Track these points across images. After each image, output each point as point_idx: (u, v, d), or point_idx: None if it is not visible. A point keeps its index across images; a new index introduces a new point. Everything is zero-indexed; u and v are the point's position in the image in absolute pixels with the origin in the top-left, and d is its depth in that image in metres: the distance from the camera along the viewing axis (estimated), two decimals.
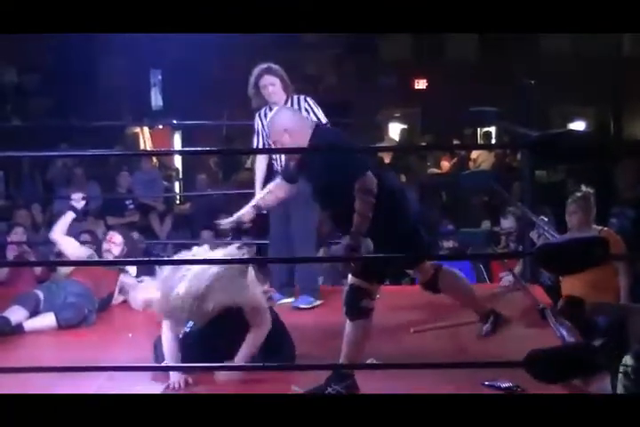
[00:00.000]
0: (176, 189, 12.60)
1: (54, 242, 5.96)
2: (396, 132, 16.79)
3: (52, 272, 6.28)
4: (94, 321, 5.36)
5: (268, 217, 5.69)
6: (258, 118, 5.62)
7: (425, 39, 17.32)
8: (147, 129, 14.97)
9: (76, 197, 6.06)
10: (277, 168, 5.54)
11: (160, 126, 15.21)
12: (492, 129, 15.09)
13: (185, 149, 13.85)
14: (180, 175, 13.33)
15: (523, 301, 5.47)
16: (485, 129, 15.22)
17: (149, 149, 13.99)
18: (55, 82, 13.56)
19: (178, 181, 13.11)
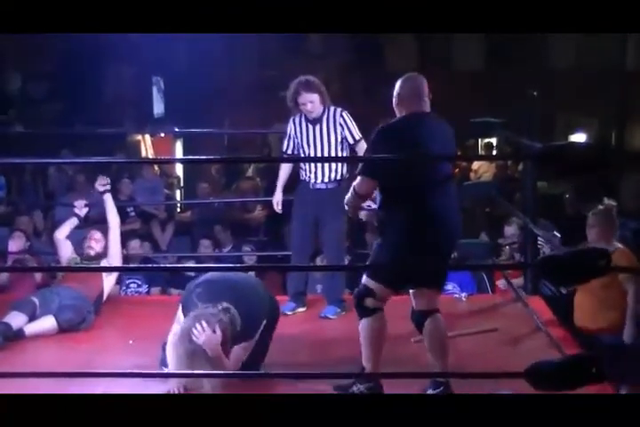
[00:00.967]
0: (177, 198, 12.58)
1: (55, 241, 6.03)
2: None
3: (53, 279, 6.30)
4: (92, 323, 5.39)
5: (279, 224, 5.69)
6: (292, 124, 5.62)
7: (428, 48, 17.33)
8: (148, 137, 15.00)
9: (79, 204, 6.12)
10: (305, 178, 5.57)
11: (162, 134, 15.23)
12: (494, 140, 15.07)
13: (187, 158, 13.82)
14: (182, 183, 13.33)
15: (520, 312, 5.46)
16: (487, 140, 15.21)
17: (151, 157, 13.99)
18: (58, 89, 13.59)
19: (179, 189, 13.11)
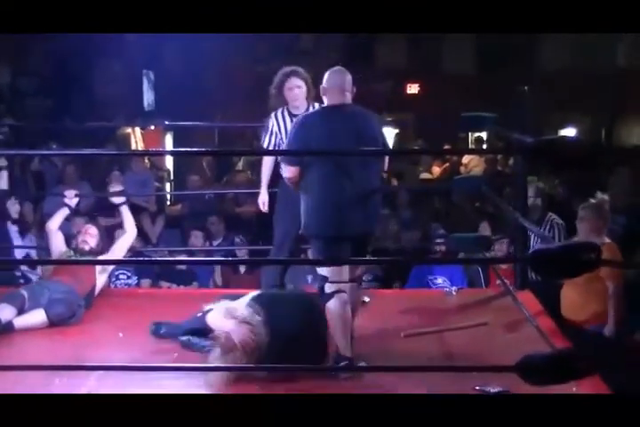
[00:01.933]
0: (168, 191, 12.55)
1: (47, 233, 5.97)
2: (390, 136, 16.81)
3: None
4: (82, 318, 5.35)
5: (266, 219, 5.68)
6: (274, 119, 5.52)
7: (420, 44, 17.34)
8: (138, 130, 14.95)
9: (69, 194, 6.09)
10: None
11: (152, 127, 15.18)
12: (484, 134, 15.09)
13: (177, 150, 13.74)
14: (172, 176, 13.30)
15: (511, 305, 5.48)
16: (477, 134, 15.23)
17: (141, 150, 13.96)
18: (48, 82, 13.53)
19: (169, 182, 13.08)
